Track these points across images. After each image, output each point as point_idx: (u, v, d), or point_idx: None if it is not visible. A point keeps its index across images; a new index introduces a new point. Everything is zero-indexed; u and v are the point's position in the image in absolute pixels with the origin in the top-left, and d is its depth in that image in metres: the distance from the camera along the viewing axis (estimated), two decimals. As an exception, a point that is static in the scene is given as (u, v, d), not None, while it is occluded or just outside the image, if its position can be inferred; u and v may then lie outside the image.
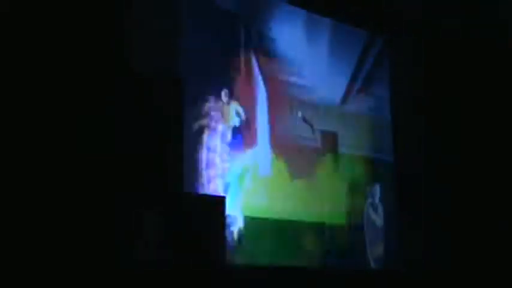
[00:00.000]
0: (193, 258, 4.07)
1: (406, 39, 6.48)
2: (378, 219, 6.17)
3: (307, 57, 5.85)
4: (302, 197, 5.63)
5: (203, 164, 4.98)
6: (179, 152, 4.46)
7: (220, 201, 4.43)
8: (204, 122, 5.02)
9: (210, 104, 5.08)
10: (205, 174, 4.98)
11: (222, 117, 5.15)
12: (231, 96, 5.24)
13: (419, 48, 6.51)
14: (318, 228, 5.71)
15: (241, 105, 5.30)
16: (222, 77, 5.21)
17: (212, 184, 5.02)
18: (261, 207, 5.34)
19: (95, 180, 3.95)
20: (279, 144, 5.54)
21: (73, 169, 3.89)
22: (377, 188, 6.21)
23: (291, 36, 5.74)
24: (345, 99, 6.08)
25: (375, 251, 6.08)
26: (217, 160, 5.07)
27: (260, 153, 5.41)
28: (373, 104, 6.32)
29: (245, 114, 5.32)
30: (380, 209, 6.21)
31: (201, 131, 4.98)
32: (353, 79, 6.15)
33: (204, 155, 4.98)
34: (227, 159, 5.14)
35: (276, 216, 5.42)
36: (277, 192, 5.47)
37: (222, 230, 4.34)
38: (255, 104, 5.43)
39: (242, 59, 5.38)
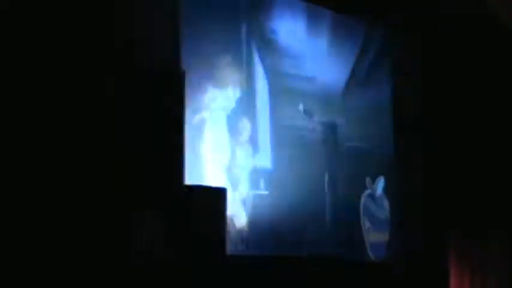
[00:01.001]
0: (195, 251, 4.09)
1: (407, 30, 6.47)
2: (377, 210, 6.18)
3: (308, 49, 5.84)
4: (302, 188, 5.68)
5: (207, 157, 5.01)
6: (181, 145, 4.47)
7: (220, 193, 4.44)
8: (206, 114, 5.04)
9: (210, 96, 5.10)
10: (210, 166, 5.02)
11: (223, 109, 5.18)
12: (233, 88, 5.25)
13: (421, 39, 6.50)
14: (319, 219, 5.77)
15: (243, 96, 5.33)
16: (223, 69, 5.23)
17: (217, 176, 5.06)
18: (262, 200, 5.38)
19: (94, 175, 3.95)
20: (280, 136, 5.57)
21: (71, 165, 3.87)
22: (380, 180, 6.24)
23: (292, 28, 5.73)
24: (346, 90, 6.07)
25: (372, 240, 6.11)
26: (221, 152, 5.12)
27: (261, 145, 5.44)
28: (374, 95, 6.33)
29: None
30: (382, 201, 6.24)
31: (202, 123, 5.00)
32: (354, 71, 6.14)
33: (207, 147, 5.02)
34: (230, 151, 5.18)
35: (276, 208, 5.46)
36: (277, 184, 5.49)
37: (222, 222, 4.36)
38: (256, 95, 5.45)
39: (243, 50, 5.38)
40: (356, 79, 6.17)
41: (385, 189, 6.25)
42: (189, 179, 4.73)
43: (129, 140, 4.06)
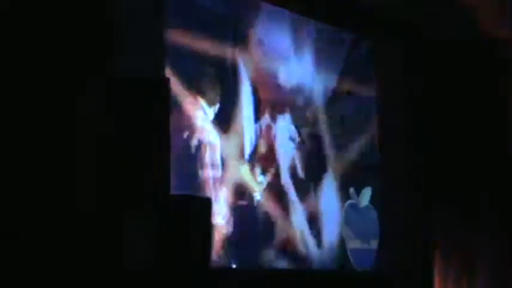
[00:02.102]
0: (180, 261, 4.04)
1: (393, 40, 6.49)
2: (361, 220, 6.17)
3: (294, 60, 5.85)
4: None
5: (205, 165, 5.05)
6: (166, 152, 4.44)
7: (206, 203, 4.40)
8: (192, 126, 5.03)
9: (197, 107, 5.09)
10: (210, 175, 5.07)
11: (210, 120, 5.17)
12: (219, 99, 5.24)
13: (406, 49, 6.53)
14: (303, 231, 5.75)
15: (227, 108, 5.31)
16: (208, 79, 5.21)
17: (202, 187, 5.07)
18: (247, 211, 5.37)
19: (77, 184, 3.90)
20: (266, 147, 5.56)
21: (55, 172, 3.83)
22: (366, 191, 6.24)
23: (277, 38, 5.74)
24: (331, 101, 6.09)
25: (354, 250, 6.07)
26: (218, 161, 5.14)
27: (246, 157, 5.43)
28: (360, 106, 6.34)
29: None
30: (368, 212, 6.24)
31: (190, 135, 5.01)
32: (340, 81, 6.16)
33: (207, 155, 5.05)
34: (216, 162, 5.16)
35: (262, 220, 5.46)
36: (263, 195, 5.49)
37: (208, 232, 4.32)
38: (241, 106, 5.43)
39: (229, 61, 5.38)
40: (342, 89, 6.18)
41: (372, 200, 6.25)
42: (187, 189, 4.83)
43: (114, 144, 4.02)
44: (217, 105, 5.23)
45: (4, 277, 3.56)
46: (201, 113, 5.10)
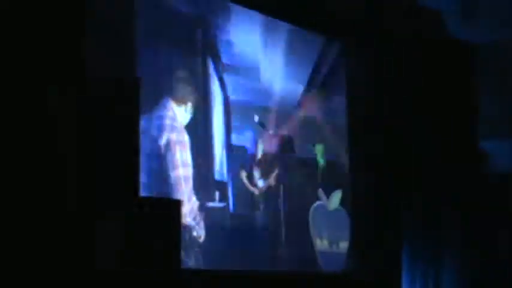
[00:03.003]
0: (148, 263, 4.03)
1: (363, 43, 6.52)
2: (329, 222, 6.18)
3: (265, 61, 5.85)
4: (257, 200, 5.67)
5: (175, 164, 5.02)
6: (135, 154, 4.42)
7: (175, 205, 4.39)
8: (164, 128, 5.02)
9: (168, 109, 5.08)
10: (181, 175, 5.04)
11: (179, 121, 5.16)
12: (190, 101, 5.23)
13: (377, 52, 6.55)
14: (273, 232, 5.77)
15: (198, 109, 5.30)
16: (180, 83, 5.19)
17: (187, 185, 5.06)
18: (218, 212, 5.36)
19: (47, 186, 3.87)
20: (235, 149, 5.56)
21: (24, 175, 3.80)
22: (336, 193, 6.24)
23: (248, 40, 5.73)
24: (301, 103, 6.10)
25: (322, 252, 6.09)
26: (189, 160, 5.11)
27: (216, 158, 5.42)
28: (329, 108, 6.36)
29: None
30: (338, 213, 6.25)
31: (161, 137, 4.99)
32: (310, 83, 6.17)
33: (177, 154, 5.02)
34: (188, 163, 5.15)
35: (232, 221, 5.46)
36: (233, 197, 5.49)
37: (177, 235, 4.31)
38: (212, 108, 5.42)
39: (199, 62, 5.36)
40: (312, 91, 6.19)
41: (342, 202, 6.27)
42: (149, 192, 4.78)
43: (84, 145, 3.99)
44: (190, 107, 5.22)
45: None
46: (170, 113, 5.09)
